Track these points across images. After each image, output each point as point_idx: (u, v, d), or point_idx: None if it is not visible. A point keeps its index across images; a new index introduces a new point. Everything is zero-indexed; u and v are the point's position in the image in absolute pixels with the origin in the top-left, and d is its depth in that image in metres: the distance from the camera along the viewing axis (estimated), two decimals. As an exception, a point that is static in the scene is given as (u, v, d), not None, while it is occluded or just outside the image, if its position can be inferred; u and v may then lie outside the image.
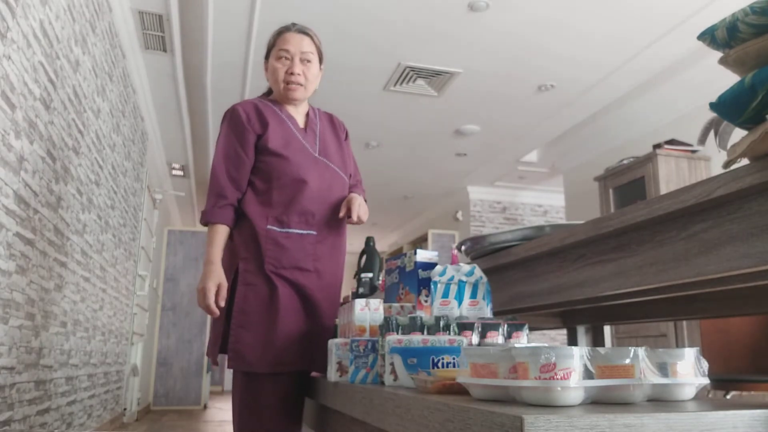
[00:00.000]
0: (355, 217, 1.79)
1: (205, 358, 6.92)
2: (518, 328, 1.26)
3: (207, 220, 1.76)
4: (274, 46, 1.85)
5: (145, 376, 6.32)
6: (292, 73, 1.81)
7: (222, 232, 1.76)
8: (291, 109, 1.89)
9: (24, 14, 2.14)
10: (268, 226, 1.74)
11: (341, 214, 1.81)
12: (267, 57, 1.89)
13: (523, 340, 1.26)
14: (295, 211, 1.76)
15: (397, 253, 5.08)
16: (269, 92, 1.98)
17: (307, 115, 1.94)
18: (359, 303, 1.48)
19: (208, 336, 7.18)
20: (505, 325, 1.26)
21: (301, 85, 1.83)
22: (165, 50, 4.23)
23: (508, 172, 6.91)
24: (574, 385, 0.75)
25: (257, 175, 1.79)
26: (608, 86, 4.73)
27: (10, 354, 2.22)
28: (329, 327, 1.77)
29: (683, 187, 0.96)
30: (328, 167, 1.86)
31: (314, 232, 1.79)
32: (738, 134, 0.97)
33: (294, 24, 1.87)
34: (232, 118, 1.82)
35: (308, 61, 1.83)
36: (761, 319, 2.45)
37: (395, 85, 4.73)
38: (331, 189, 1.85)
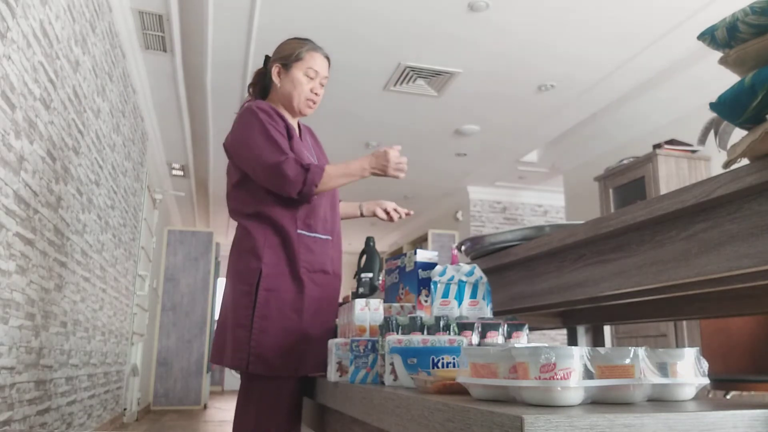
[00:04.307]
0: (396, 218, 2.02)
1: (206, 358, 6.92)
2: (518, 328, 1.26)
3: (318, 174, 1.68)
4: (302, 60, 1.85)
5: (145, 376, 6.32)
6: (316, 94, 1.88)
7: (331, 165, 1.76)
8: (291, 120, 1.92)
9: (24, 14, 2.14)
10: (299, 231, 1.77)
11: (393, 217, 2.04)
12: (286, 64, 1.85)
13: (523, 340, 1.26)
14: (317, 216, 1.81)
15: (397, 253, 5.08)
16: (263, 95, 1.96)
17: (299, 126, 1.99)
18: (359, 303, 1.47)
19: (209, 339, 7.18)
20: (505, 325, 1.26)
21: (316, 104, 1.91)
22: (165, 50, 4.23)
23: (508, 172, 6.91)
24: (574, 385, 0.75)
25: None
26: (608, 86, 4.74)
27: (10, 354, 2.22)
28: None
29: (683, 187, 0.96)
30: None
31: (330, 237, 1.86)
32: (738, 134, 0.97)
33: (319, 46, 1.92)
34: (263, 111, 1.77)
35: (323, 86, 1.92)
36: (761, 319, 2.45)
37: (395, 85, 4.73)
38: (334, 196, 1.93)
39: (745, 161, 0.87)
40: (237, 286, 1.75)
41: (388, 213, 2.06)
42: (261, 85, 1.96)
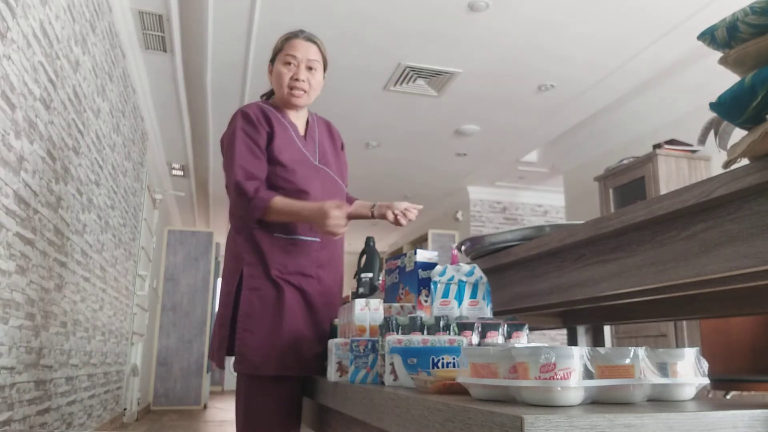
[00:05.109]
0: (405, 222, 1.87)
1: (206, 358, 6.92)
2: (518, 328, 1.26)
3: (259, 207, 1.67)
4: (281, 50, 1.85)
5: (145, 376, 6.32)
6: (297, 79, 1.82)
7: (282, 199, 1.69)
8: (292, 115, 1.90)
9: (24, 14, 2.14)
10: (275, 234, 1.76)
11: (400, 221, 1.88)
12: (272, 61, 1.89)
13: (523, 340, 1.26)
14: None
15: (397, 253, 5.08)
16: (269, 95, 1.99)
17: (307, 122, 1.95)
18: (359, 303, 1.47)
19: (209, 338, 7.21)
20: (505, 325, 1.26)
21: (305, 91, 1.84)
22: (165, 50, 4.23)
23: (508, 172, 6.91)
24: (574, 385, 0.75)
25: None
26: (608, 86, 4.74)
27: (10, 354, 2.22)
28: (326, 331, 1.78)
29: (683, 187, 0.96)
30: (329, 175, 1.89)
31: (318, 240, 1.82)
32: (738, 134, 0.97)
33: (302, 31, 1.88)
34: (243, 118, 1.80)
35: (313, 69, 1.85)
36: (761, 319, 2.45)
37: (395, 85, 4.73)
38: (333, 197, 1.86)
39: (745, 161, 0.87)
40: (223, 287, 1.81)
41: (396, 216, 1.94)
42: (270, 92, 1.99)
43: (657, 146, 4.41)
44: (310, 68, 1.84)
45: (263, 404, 1.70)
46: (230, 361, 1.76)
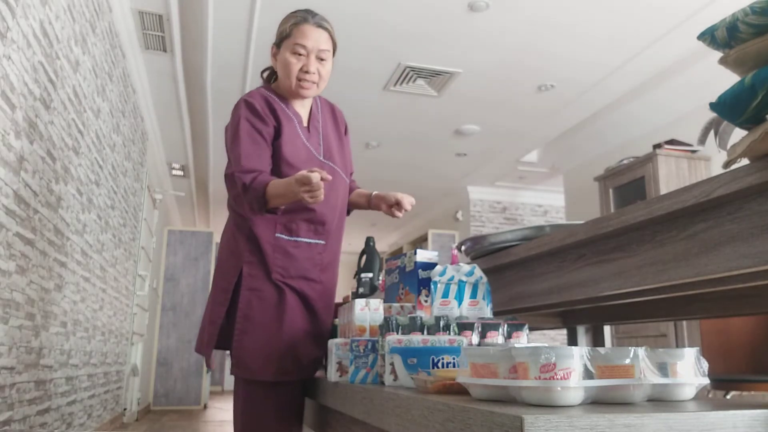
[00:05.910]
0: (400, 215, 1.84)
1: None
2: (518, 328, 1.26)
3: (256, 196, 1.56)
4: (290, 36, 1.71)
5: (145, 376, 6.32)
6: (307, 71, 1.71)
7: (275, 182, 1.56)
8: (296, 104, 1.81)
9: (24, 14, 2.14)
10: (277, 234, 1.70)
11: (399, 214, 1.83)
12: (278, 44, 1.76)
13: (523, 340, 1.26)
14: (303, 218, 1.72)
15: (397, 253, 5.08)
16: (270, 77, 1.89)
17: (311, 110, 1.86)
18: (359, 303, 1.47)
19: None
20: (505, 325, 1.26)
21: (315, 83, 1.75)
22: (165, 50, 4.23)
23: (508, 172, 6.91)
24: (574, 385, 0.75)
25: None
26: (608, 86, 4.74)
27: (10, 354, 2.22)
28: (326, 334, 1.76)
29: (683, 187, 0.96)
30: (333, 170, 1.81)
31: (323, 242, 1.76)
32: (738, 134, 0.97)
33: (312, 14, 1.73)
34: (248, 109, 1.70)
35: (324, 60, 1.74)
36: (761, 319, 2.45)
37: (395, 85, 4.73)
38: (336, 193, 1.81)
39: (745, 161, 0.87)
40: (217, 283, 1.75)
41: (391, 208, 1.86)
42: (273, 69, 1.86)
43: (657, 146, 4.42)
44: (320, 59, 1.72)
45: (261, 408, 1.67)
46: (229, 362, 1.75)
